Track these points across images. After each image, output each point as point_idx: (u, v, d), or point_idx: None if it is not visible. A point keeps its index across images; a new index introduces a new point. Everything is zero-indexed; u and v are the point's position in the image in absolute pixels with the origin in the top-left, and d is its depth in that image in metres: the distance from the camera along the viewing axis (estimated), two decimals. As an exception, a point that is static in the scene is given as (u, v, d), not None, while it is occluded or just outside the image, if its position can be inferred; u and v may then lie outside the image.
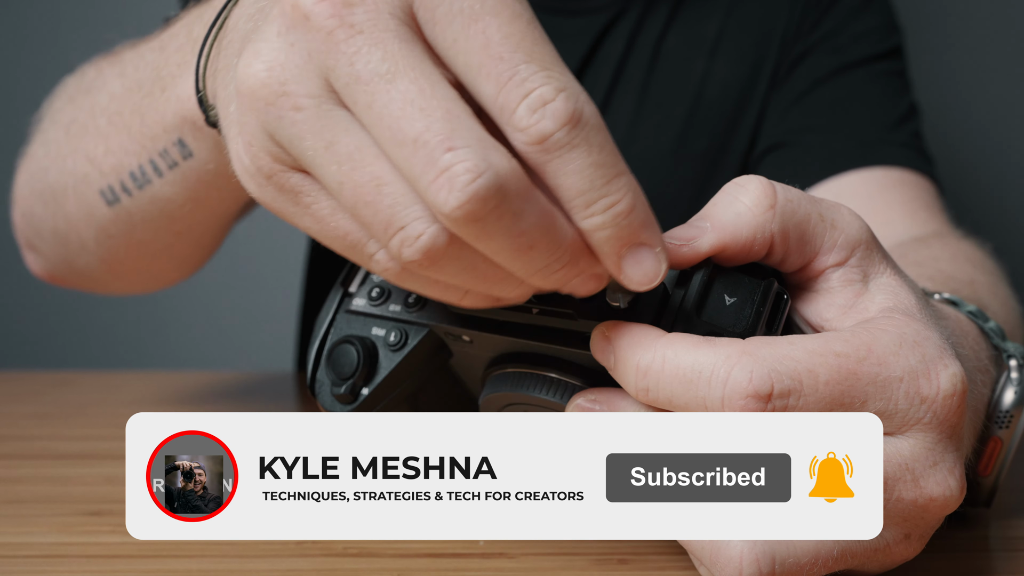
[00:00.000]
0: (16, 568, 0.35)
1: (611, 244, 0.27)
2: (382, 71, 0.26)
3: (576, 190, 0.26)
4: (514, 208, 0.25)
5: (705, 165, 0.74)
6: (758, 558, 0.28)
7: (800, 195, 0.31)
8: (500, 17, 0.26)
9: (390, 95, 0.25)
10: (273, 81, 0.27)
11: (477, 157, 0.25)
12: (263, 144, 0.28)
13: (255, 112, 0.27)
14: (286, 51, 0.27)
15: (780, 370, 0.28)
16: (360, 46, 0.26)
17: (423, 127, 0.25)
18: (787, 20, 0.74)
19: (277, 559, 0.35)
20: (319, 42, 0.26)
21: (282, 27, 0.27)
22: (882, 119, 0.70)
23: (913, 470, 0.29)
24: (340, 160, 0.26)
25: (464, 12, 0.26)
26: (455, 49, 0.26)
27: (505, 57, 0.26)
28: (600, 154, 0.26)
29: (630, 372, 0.29)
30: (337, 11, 0.26)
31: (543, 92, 0.25)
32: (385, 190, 0.26)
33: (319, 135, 0.26)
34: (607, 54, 0.73)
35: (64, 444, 0.55)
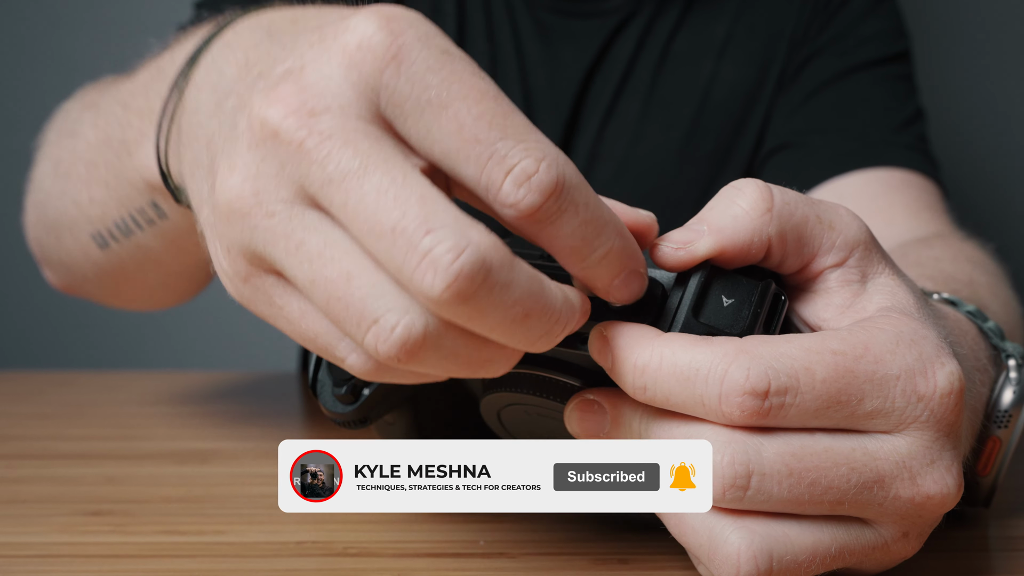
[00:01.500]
0: (16, 568, 0.35)
1: (603, 280, 0.28)
2: (354, 168, 0.26)
3: (569, 249, 0.27)
4: (502, 279, 0.25)
5: (711, 166, 0.74)
6: (756, 555, 0.28)
7: (797, 197, 0.31)
8: (468, 99, 0.26)
9: (363, 189, 0.26)
10: (247, 194, 0.27)
11: (456, 236, 0.25)
12: (240, 251, 0.28)
13: (231, 224, 0.28)
14: (257, 164, 0.27)
15: (777, 368, 0.28)
16: (330, 150, 0.26)
17: (399, 215, 0.25)
18: (795, 23, 0.74)
19: (277, 559, 0.35)
20: (291, 154, 0.26)
21: (251, 142, 0.27)
22: (887, 121, 0.70)
23: (910, 468, 0.29)
24: (310, 258, 0.27)
25: (432, 102, 0.26)
26: (430, 139, 0.26)
27: (481, 138, 0.26)
28: (587, 212, 0.27)
29: (628, 371, 0.29)
30: (304, 122, 0.26)
31: (525, 166, 0.26)
32: (355, 283, 0.26)
33: (289, 237, 0.27)
34: (616, 55, 0.74)
35: (64, 444, 0.55)
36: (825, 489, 0.28)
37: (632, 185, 0.74)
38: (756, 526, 0.29)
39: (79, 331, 1.52)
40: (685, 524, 0.30)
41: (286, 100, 0.27)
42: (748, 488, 0.28)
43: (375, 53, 0.26)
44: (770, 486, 0.28)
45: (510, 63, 0.73)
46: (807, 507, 0.29)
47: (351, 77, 0.27)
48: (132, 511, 0.41)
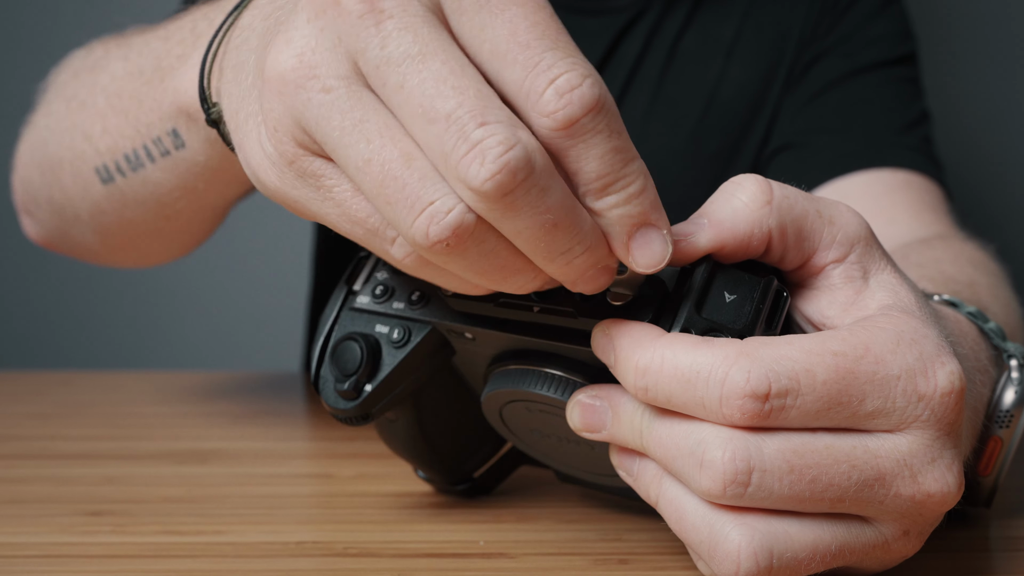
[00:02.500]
0: (16, 568, 0.35)
1: (624, 224, 0.28)
2: (413, 52, 0.26)
3: (596, 173, 0.27)
4: (541, 183, 0.26)
5: (717, 165, 0.74)
6: (756, 552, 0.28)
7: (797, 192, 0.31)
8: (525, 7, 0.27)
9: (422, 75, 0.26)
10: (303, 65, 0.27)
11: (508, 131, 0.25)
12: (288, 129, 0.28)
13: (282, 97, 0.28)
14: (316, 36, 0.27)
15: (777, 370, 0.28)
16: (391, 30, 0.26)
17: (456, 104, 0.26)
18: (803, 23, 0.74)
19: (277, 559, 0.35)
20: (349, 26, 0.27)
21: (311, 14, 0.28)
22: (892, 123, 0.70)
23: (911, 466, 0.29)
24: (370, 137, 0.27)
25: (491, 2, 0.27)
26: (482, 37, 0.27)
27: (532, 44, 0.26)
28: (619, 139, 0.27)
29: (629, 372, 0.29)
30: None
31: (570, 78, 0.26)
32: (415, 164, 0.26)
33: (348, 114, 0.27)
34: (624, 53, 0.74)
35: (64, 444, 0.55)
36: (826, 486, 0.28)
37: None
38: (757, 523, 0.29)
39: (79, 331, 1.52)
40: (686, 520, 0.30)
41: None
42: (749, 484, 0.28)
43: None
44: (771, 483, 0.28)
45: None
46: (808, 504, 0.29)
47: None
48: (132, 511, 0.41)
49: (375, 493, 0.44)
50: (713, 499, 0.29)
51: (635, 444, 0.31)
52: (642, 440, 0.30)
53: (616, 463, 0.33)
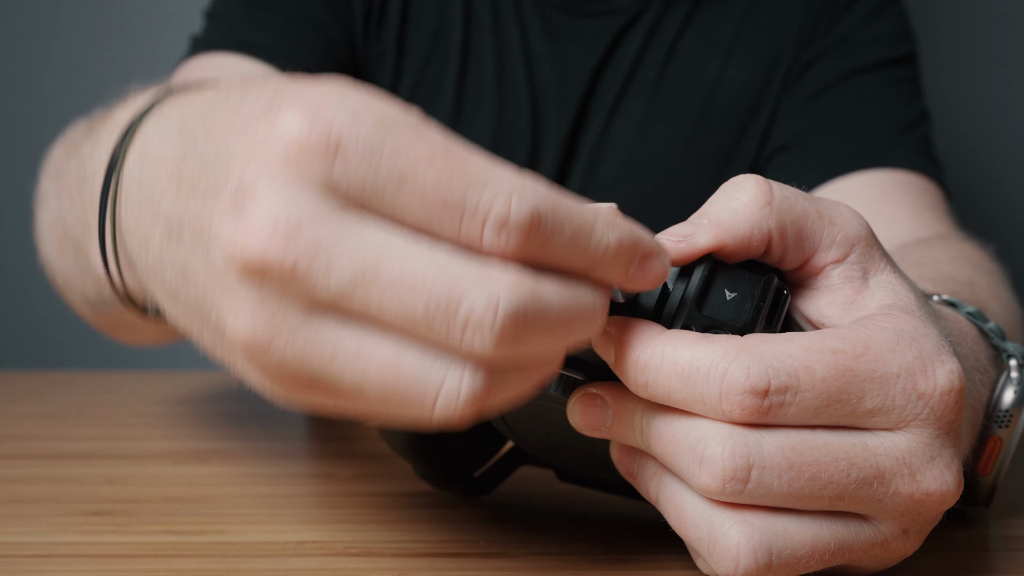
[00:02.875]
0: (17, 568, 0.35)
1: (618, 272, 0.28)
2: (358, 271, 0.25)
3: (571, 260, 0.27)
4: (540, 308, 0.26)
5: (716, 165, 0.74)
6: (755, 550, 0.28)
7: (797, 193, 0.31)
8: (419, 166, 0.25)
9: (380, 288, 0.25)
10: (261, 330, 0.26)
11: (486, 292, 0.25)
12: (276, 375, 0.27)
13: (257, 359, 0.27)
14: (259, 298, 0.26)
15: (777, 367, 0.28)
16: (325, 263, 0.25)
17: (425, 299, 0.25)
18: (802, 23, 0.74)
19: (277, 559, 0.35)
20: (285, 281, 0.25)
21: (242, 278, 0.26)
22: (891, 123, 0.70)
23: (910, 465, 0.29)
24: (349, 363, 0.26)
25: (389, 179, 0.26)
26: (401, 212, 0.26)
27: (446, 199, 0.25)
28: (572, 222, 0.26)
29: (630, 368, 0.30)
30: (285, 245, 0.25)
31: (497, 211, 0.25)
32: (404, 367, 0.26)
33: (320, 353, 0.26)
34: (623, 54, 0.74)
35: (65, 444, 0.55)
36: (825, 484, 0.28)
37: (636, 183, 0.74)
38: (756, 520, 0.29)
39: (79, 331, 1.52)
40: (685, 517, 0.30)
41: (256, 229, 0.25)
42: (748, 481, 0.28)
43: (317, 153, 0.25)
44: (770, 479, 0.28)
45: (517, 61, 0.73)
46: (807, 501, 0.29)
47: (305, 183, 0.25)
48: (133, 511, 0.41)
49: (375, 492, 0.44)
50: (712, 496, 0.29)
51: (635, 441, 0.31)
52: (642, 437, 0.31)
53: (617, 461, 0.33)
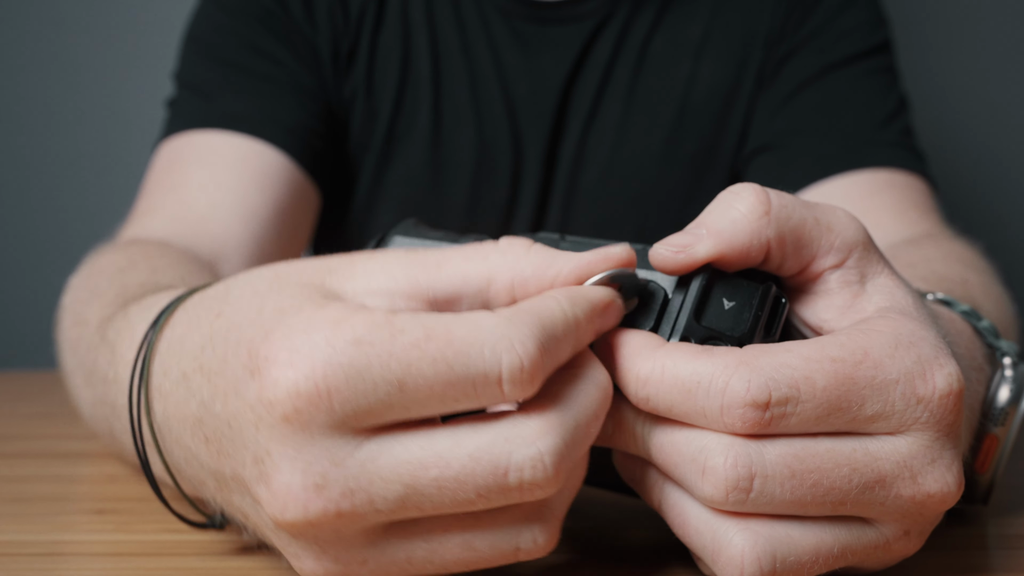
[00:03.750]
0: (20, 566, 0.35)
1: (592, 335, 0.30)
2: (400, 492, 0.26)
3: (571, 351, 0.28)
4: (572, 427, 0.27)
5: (695, 167, 0.74)
6: (759, 557, 0.28)
7: (794, 201, 0.31)
8: (410, 363, 0.26)
9: (428, 496, 0.26)
10: (330, 573, 0.28)
11: (526, 452, 0.26)
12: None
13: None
14: (316, 543, 0.27)
15: (777, 378, 0.28)
16: (366, 499, 0.26)
17: (472, 486, 0.26)
18: (771, 20, 0.74)
19: (278, 558, 0.35)
20: (336, 527, 0.27)
21: (299, 539, 0.28)
22: (870, 119, 0.69)
23: (911, 467, 0.29)
24: (427, 560, 0.28)
25: (390, 392, 0.26)
26: (416, 410, 0.26)
27: (452, 380, 0.26)
28: (560, 327, 0.28)
29: (631, 382, 0.30)
30: (323, 501, 0.26)
31: (508, 366, 0.26)
32: (477, 546, 0.28)
33: (395, 563, 0.28)
34: (595, 60, 0.73)
35: (68, 443, 0.55)
36: (827, 490, 0.28)
37: (618, 188, 0.74)
38: (759, 527, 0.29)
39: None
40: (689, 526, 0.30)
41: (289, 495, 0.26)
42: (751, 491, 0.28)
43: (312, 404, 0.26)
44: (773, 488, 0.28)
45: (490, 75, 0.73)
46: (810, 508, 0.29)
47: (314, 431, 0.26)
48: (136, 510, 0.42)
49: (377, 491, 0.44)
50: (716, 505, 0.29)
51: (636, 450, 0.31)
52: (643, 446, 0.31)
53: (620, 467, 0.33)
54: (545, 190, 0.74)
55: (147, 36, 1.27)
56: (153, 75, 1.22)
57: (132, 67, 1.28)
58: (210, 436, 0.30)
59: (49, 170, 1.30)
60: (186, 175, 0.64)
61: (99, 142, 1.29)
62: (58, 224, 1.31)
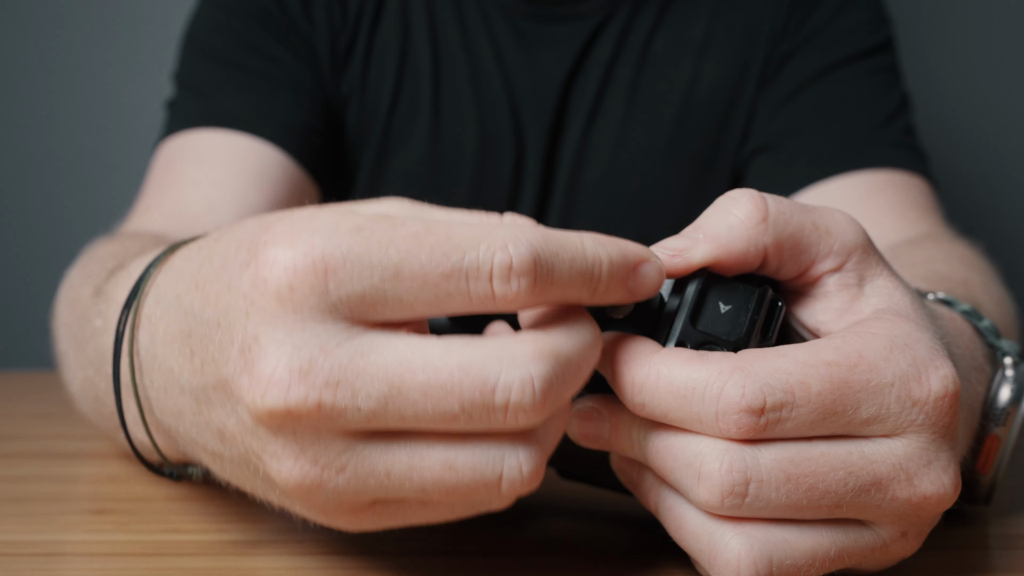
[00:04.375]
0: (20, 566, 0.35)
1: (618, 287, 0.29)
2: (385, 391, 0.26)
3: (577, 288, 0.28)
4: (564, 361, 0.27)
5: (697, 166, 0.74)
6: (755, 561, 0.28)
7: (792, 206, 0.31)
8: (409, 252, 0.26)
9: (411, 400, 0.26)
10: (308, 471, 0.27)
11: (516, 370, 0.26)
12: (337, 506, 0.28)
13: (313, 500, 0.28)
14: (295, 441, 0.27)
15: (772, 384, 0.28)
16: (350, 392, 0.26)
17: (458, 398, 0.26)
18: (773, 19, 0.74)
19: (279, 557, 0.36)
20: (316, 419, 0.26)
21: (274, 430, 0.27)
22: (870, 118, 0.69)
23: (907, 469, 0.29)
24: (405, 476, 0.27)
25: (385, 279, 0.26)
26: (408, 305, 0.26)
27: (447, 271, 0.26)
28: (566, 249, 0.27)
29: (626, 388, 0.30)
30: (306, 387, 0.26)
31: (499, 261, 0.26)
32: (458, 464, 0.27)
33: (374, 473, 0.27)
34: (597, 58, 0.73)
35: (68, 443, 0.55)
36: (823, 494, 0.28)
37: (619, 187, 0.74)
38: (755, 531, 0.29)
39: (82, 330, 1.51)
40: (685, 530, 0.30)
41: (273, 380, 0.26)
42: (747, 495, 0.28)
43: (307, 281, 0.26)
44: (768, 493, 0.28)
45: (492, 73, 0.73)
46: (806, 512, 0.29)
47: (305, 316, 0.26)
48: (135, 509, 0.42)
49: (377, 491, 0.44)
50: (711, 510, 0.29)
51: (633, 454, 0.31)
52: (640, 451, 0.31)
53: (617, 470, 0.33)
54: (546, 188, 0.74)
55: (147, 36, 1.27)
56: (153, 75, 1.22)
57: (132, 67, 1.28)
58: (196, 348, 0.29)
59: (49, 170, 1.31)
60: (183, 173, 0.64)
61: (100, 142, 1.29)
62: (58, 224, 1.31)
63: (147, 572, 0.34)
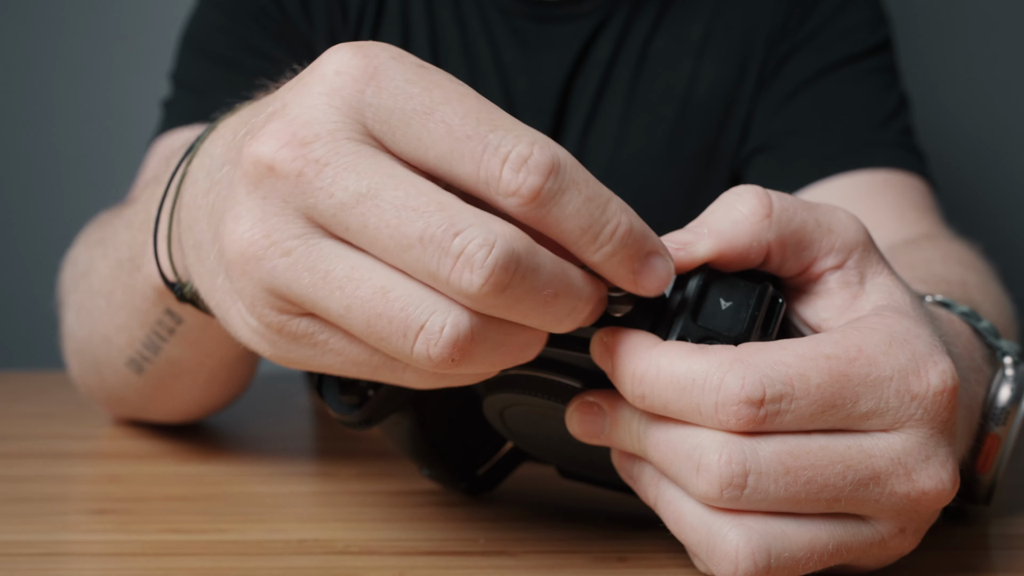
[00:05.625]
0: (20, 566, 0.35)
1: (624, 265, 0.28)
2: (362, 190, 0.26)
3: (580, 229, 0.27)
4: (532, 264, 0.26)
5: (697, 166, 0.74)
6: (754, 552, 0.28)
7: (796, 203, 0.32)
8: (451, 101, 0.27)
9: (380, 208, 0.26)
10: (257, 237, 0.27)
11: (484, 231, 0.25)
12: (264, 300, 0.28)
13: (247, 273, 0.28)
14: (260, 206, 0.27)
15: (772, 376, 0.28)
16: (332, 177, 0.26)
17: (423, 224, 0.26)
18: (772, 19, 0.74)
19: (279, 557, 0.36)
20: (291, 186, 0.27)
21: (249, 185, 0.27)
22: (869, 119, 0.69)
23: (905, 464, 0.29)
24: (340, 284, 0.27)
25: (417, 110, 0.27)
26: (423, 147, 0.27)
27: (471, 134, 0.26)
28: (588, 187, 0.27)
29: (627, 380, 0.30)
30: (298, 152, 0.26)
31: (520, 151, 0.26)
32: (392, 295, 0.26)
33: (313, 270, 0.27)
34: (595, 59, 0.73)
35: (67, 443, 0.55)
36: (821, 487, 0.29)
37: (618, 188, 0.73)
38: (754, 523, 0.29)
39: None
40: (684, 522, 0.30)
41: (275, 135, 0.27)
42: (745, 487, 0.28)
43: (353, 75, 0.27)
44: (767, 485, 0.28)
45: (490, 73, 0.73)
46: (804, 505, 0.29)
47: (334, 102, 0.27)
48: (135, 509, 0.42)
49: (376, 491, 0.44)
50: (710, 502, 0.29)
51: (633, 448, 0.31)
52: (639, 444, 0.31)
53: (617, 465, 0.33)
54: None
55: (147, 36, 1.27)
56: (154, 75, 1.22)
57: (132, 67, 1.28)
58: (238, 129, 0.31)
59: (49, 170, 1.31)
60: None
61: (100, 142, 1.29)
62: (58, 224, 1.31)
63: (147, 572, 0.34)
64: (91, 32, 1.29)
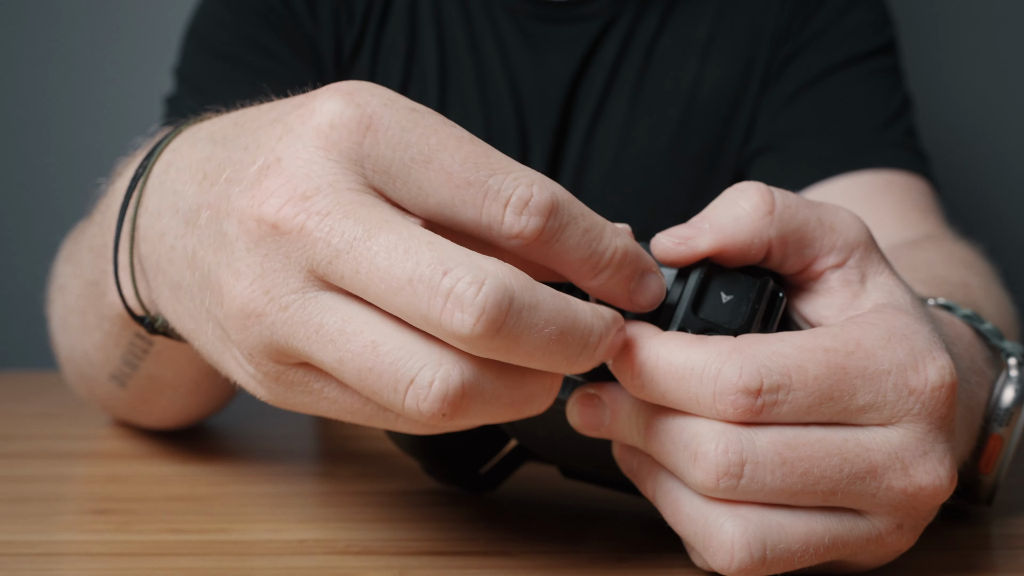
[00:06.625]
0: (21, 566, 0.35)
1: (621, 286, 0.29)
2: (358, 234, 0.26)
3: (580, 260, 0.28)
4: (528, 301, 0.26)
5: (701, 166, 0.74)
6: (749, 543, 0.29)
7: (798, 201, 0.32)
8: (448, 148, 0.27)
9: (372, 251, 0.26)
10: (257, 294, 0.27)
11: (473, 269, 0.25)
12: (263, 352, 0.28)
13: (247, 328, 0.28)
14: (262, 263, 0.27)
15: (769, 366, 0.28)
16: (331, 225, 0.26)
17: (412, 264, 0.26)
18: (776, 20, 0.74)
19: (279, 557, 0.35)
20: (293, 241, 0.27)
21: (251, 243, 0.27)
22: (872, 119, 0.70)
23: (902, 459, 0.29)
24: (332, 338, 0.27)
25: (416, 159, 0.27)
26: (423, 195, 0.27)
27: (471, 180, 0.27)
28: (585, 220, 0.28)
29: (626, 369, 0.30)
30: (301, 207, 0.27)
31: (520, 193, 0.27)
32: (382, 349, 0.26)
33: (307, 324, 0.27)
34: (602, 59, 0.74)
35: (67, 443, 0.55)
36: (817, 479, 0.29)
37: (623, 187, 0.74)
38: (750, 514, 0.29)
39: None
40: (681, 513, 0.30)
41: (276, 192, 0.27)
42: (742, 477, 0.28)
43: (349, 128, 0.27)
44: (763, 475, 0.28)
45: (497, 73, 0.73)
46: (800, 497, 0.29)
47: (332, 155, 0.27)
48: (136, 509, 0.42)
49: (377, 491, 0.44)
50: (707, 492, 0.29)
51: (632, 440, 0.31)
52: (639, 435, 0.31)
53: (618, 458, 0.33)
54: None
55: (147, 35, 1.27)
56: (154, 75, 1.22)
57: (132, 67, 1.28)
58: (210, 171, 0.30)
59: (49, 170, 1.31)
60: None
61: (100, 142, 1.29)
62: (58, 224, 1.31)
63: (147, 572, 0.34)
64: (90, 31, 1.29)
